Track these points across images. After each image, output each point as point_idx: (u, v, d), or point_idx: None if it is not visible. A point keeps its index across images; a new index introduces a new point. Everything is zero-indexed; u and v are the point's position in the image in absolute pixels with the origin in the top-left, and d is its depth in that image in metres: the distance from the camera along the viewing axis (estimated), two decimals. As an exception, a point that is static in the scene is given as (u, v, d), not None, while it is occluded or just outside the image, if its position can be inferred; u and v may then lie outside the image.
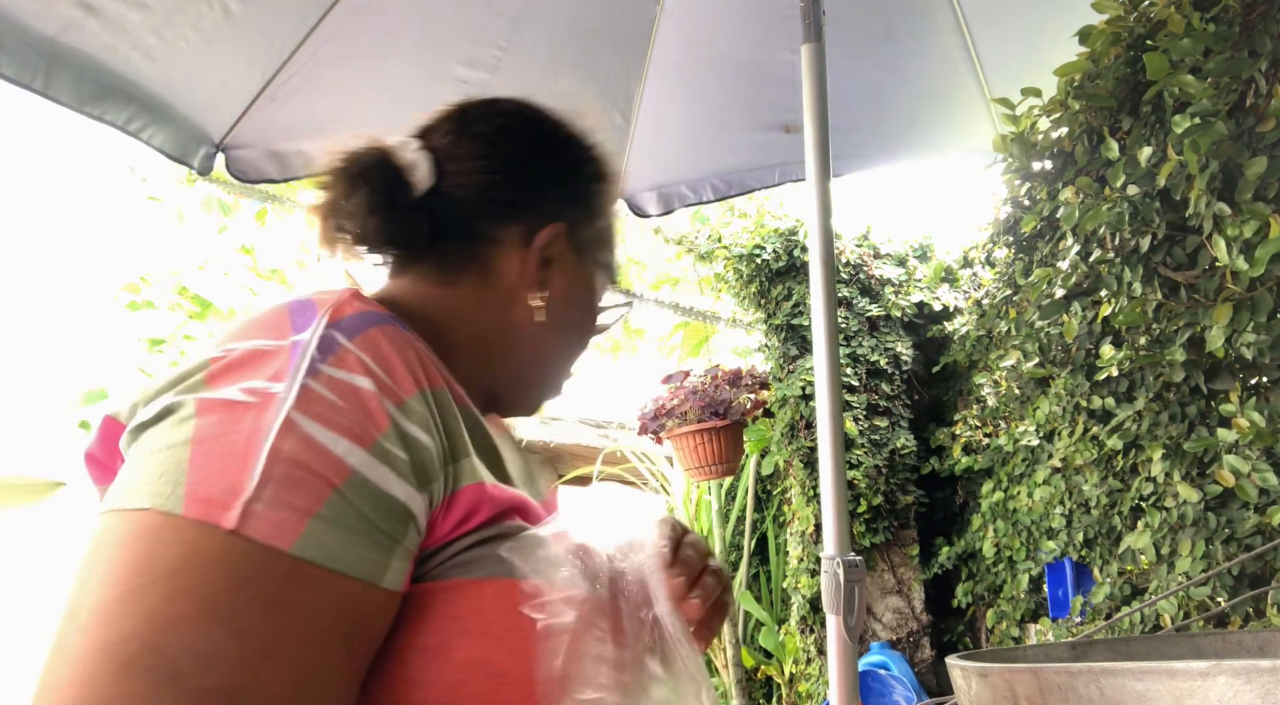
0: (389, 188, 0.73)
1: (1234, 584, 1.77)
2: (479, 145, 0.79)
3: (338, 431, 0.53)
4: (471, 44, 2.16)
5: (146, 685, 0.45)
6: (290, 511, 0.50)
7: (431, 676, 0.56)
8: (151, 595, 0.47)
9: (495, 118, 0.84)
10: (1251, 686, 0.51)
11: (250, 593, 0.48)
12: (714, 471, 3.61)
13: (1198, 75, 1.59)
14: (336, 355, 0.56)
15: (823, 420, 1.68)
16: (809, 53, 1.78)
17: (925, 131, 2.54)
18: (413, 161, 0.74)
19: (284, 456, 0.51)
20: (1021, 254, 2.22)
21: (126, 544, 0.49)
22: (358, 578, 0.52)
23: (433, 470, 0.58)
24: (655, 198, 2.62)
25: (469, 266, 0.76)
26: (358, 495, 0.52)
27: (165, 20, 1.73)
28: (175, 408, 0.53)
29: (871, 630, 3.60)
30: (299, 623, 0.50)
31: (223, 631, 0.47)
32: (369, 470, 0.53)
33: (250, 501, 0.49)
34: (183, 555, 0.48)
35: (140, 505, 0.49)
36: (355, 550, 0.52)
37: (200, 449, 0.51)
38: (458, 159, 0.77)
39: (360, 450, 0.53)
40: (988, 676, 0.68)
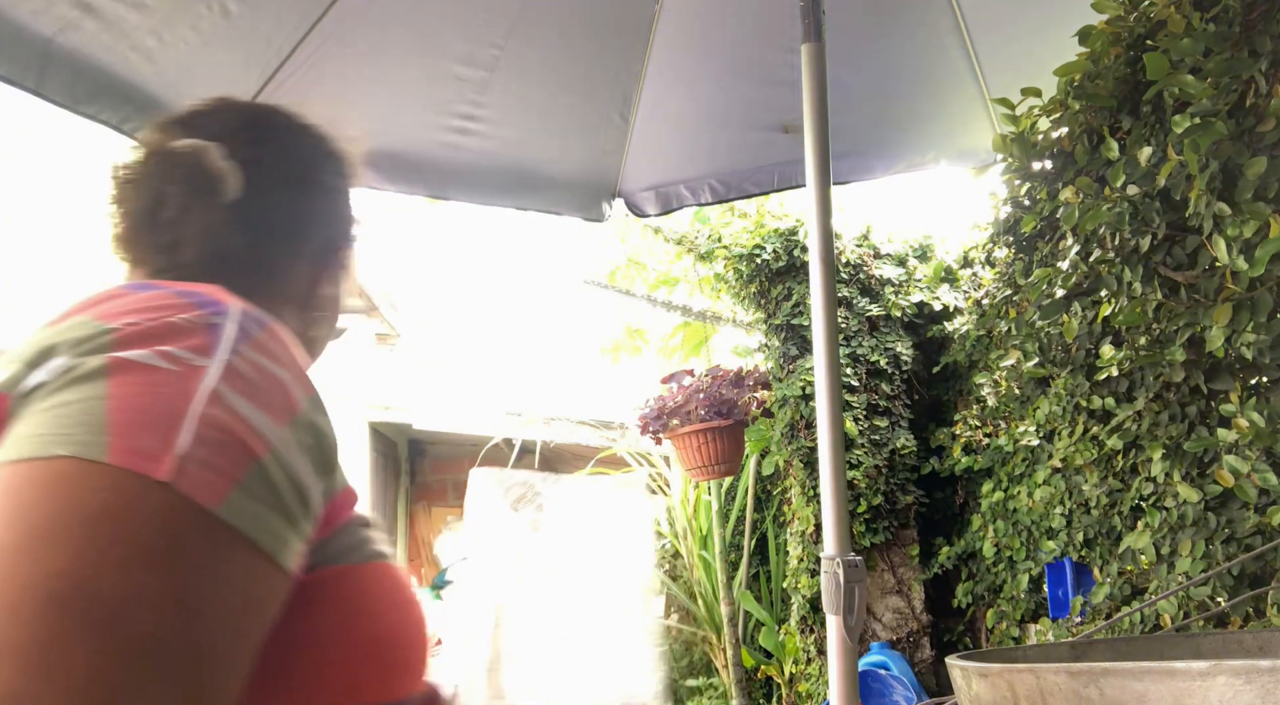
0: (211, 189, 0.74)
1: (1234, 584, 1.77)
2: (276, 166, 0.80)
3: (260, 407, 0.55)
4: (469, 43, 2.16)
5: (76, 625, 0.44)
6: (218, 474, 0.51)
7: (336, 656, 0.60)
8: (78, 536, 0.46)
9: (285, 135, 0.85)
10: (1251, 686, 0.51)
11: (182, 546, 0.48)
12: (716, 471, 3.61)
13: (1198, 75, 1.59)
14: (254, 341, 0.58)
15: (823, 420, 1.68)
16: (809, 52, 1.78)
17: (925, 132, 2.54)
18: (223, 171, 0.74)
19: (212, 421, 0.52)
20: (1021, 254, 2.22)
21: (44, 489, 0.48)
22: (266, 551, 0.53)
23: (331, 462, 0.61)
24: (653, 197, 2.62)
25: (261, 279, 0.78)
26: (274, 470, 0.54)
27: (164, 21, 1.73)
28: (79, 367, 0.53)
29: (871, 630, 3.60)
30: (223, 585, 0.50)
31: (155, 580, 0.47)
32: (284, 449, 0.55)
33: (182, 458, 0.50)
34: (111, 501, 0.48)
35: (55, 454, 0.49)
36: (267, 523, 0.53)
37: (120, 403, 0.51)
38: (257, 171, 0.77)
39: (278, 429, 0.55)
40: (988, 676, 0.68)
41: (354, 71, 2.15)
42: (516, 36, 2.15)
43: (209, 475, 0.50)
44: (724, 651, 4.70)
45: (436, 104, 2.27)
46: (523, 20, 2.13)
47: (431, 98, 2.26)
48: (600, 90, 2.38)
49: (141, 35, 1.71)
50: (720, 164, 2.59)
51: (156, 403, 0.51)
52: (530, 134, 2.45)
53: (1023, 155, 2.03)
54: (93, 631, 0.44)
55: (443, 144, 2.34)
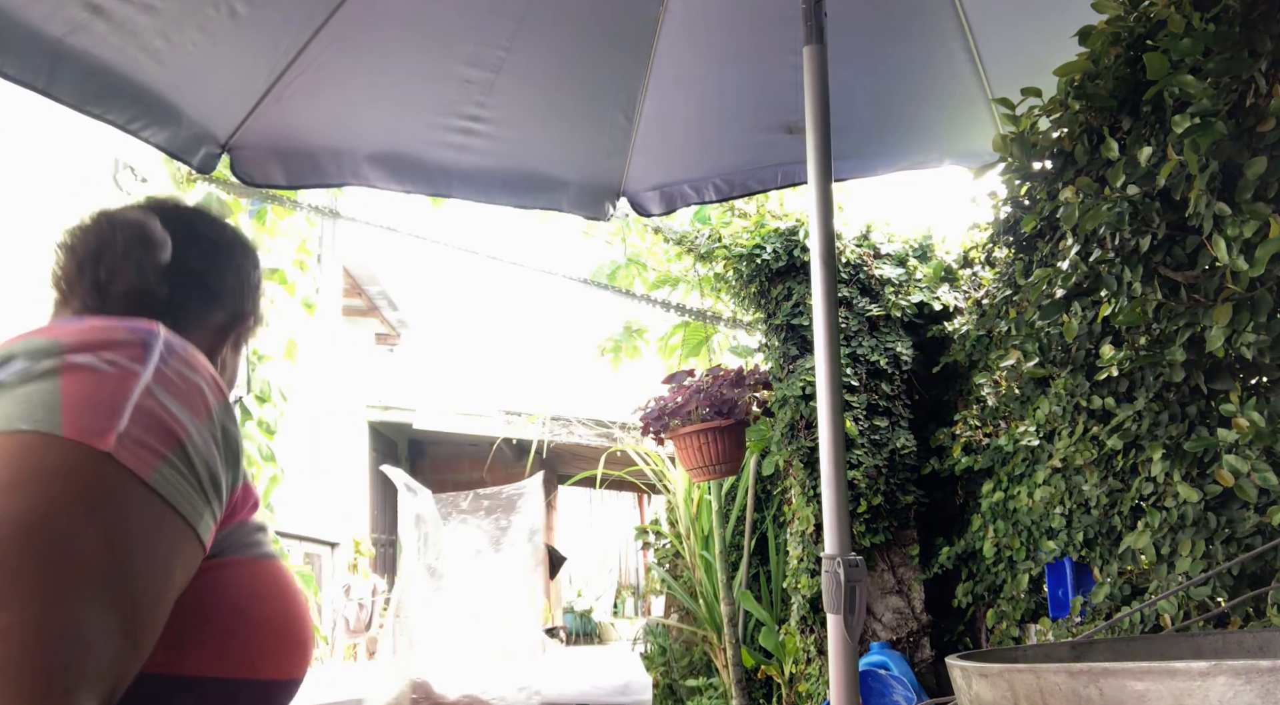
0: (148, 246, 0.90)
1: (1234, 584, 1.77)
2: (203, 244, 0.99)
3: (182, 404, 0.70)
4: (475, 44, 2.16)
5: (37, 554, 0.57)
6: (148, 450, 0.65)
7: (238, 630, 0.75)
8: (40, 488, 0.59)
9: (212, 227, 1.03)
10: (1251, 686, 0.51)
11: (121, 503, 0.62)
12: (716, 471, 3.61)
13: (1198, 75, 1.59)
14: (178, 355, 0.73)
15: (823, 420, 1.68)
16: (811, 54, 1.78)
17: (927, 134, 2.54)
18: (162, 238, 0.91)
19: (145, 410, 0.66)
20: (1021, 254, 2.22)
21: (11, 454, 0.61)
22: (185, 517, 0.67)
23: (238, 458, 0.75)
24: (658, 197, 2.63)
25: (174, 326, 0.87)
26: (194, 452, 0.69)
27: (173, 23, 1.74)
28: (36, 367, 0.66)
29: (871, 630, 3.60)
30: (150, 537, 0.64)
31: (98, 526, 0.60)
32: (201, 438, 0.70)
33: (121, 436, 0.63)
34: (65, 464, 0.61)
35: (20, 428, 0.62)
36: (187, 495, 0.67)
37: (72, 394, 0.64)
38: (188, 244, 0.95)
39: (196, 422, 0.70)
40: (988, 676, 0.69)
41: (360, 73, 2.15)
42: (522, 38, 2.15)
43: (142, 451, 0.64)
44: (724, 651, 4.70)
45: (442, 105, 2.27)
46: (528, 22, 2.14)
47: (437, 99, 2.27)
48: (605, 91, 2.38)
49: (150, 37, 1.72)
50: (724, 163, 2.60)
51: (100, 394, 0.65)
52: (535, 134, 2.45)
53: (1023, 155, 2.04)
54: (52, 557, 0.57)
55: (448, 145, 2.35)
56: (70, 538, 0.58)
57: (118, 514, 0.61)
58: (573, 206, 2.54)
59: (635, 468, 5.54)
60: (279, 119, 2.11)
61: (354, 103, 2.24)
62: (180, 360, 0.72)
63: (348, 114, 2.27)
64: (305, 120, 2.18)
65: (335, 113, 2.24)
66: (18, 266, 3.82)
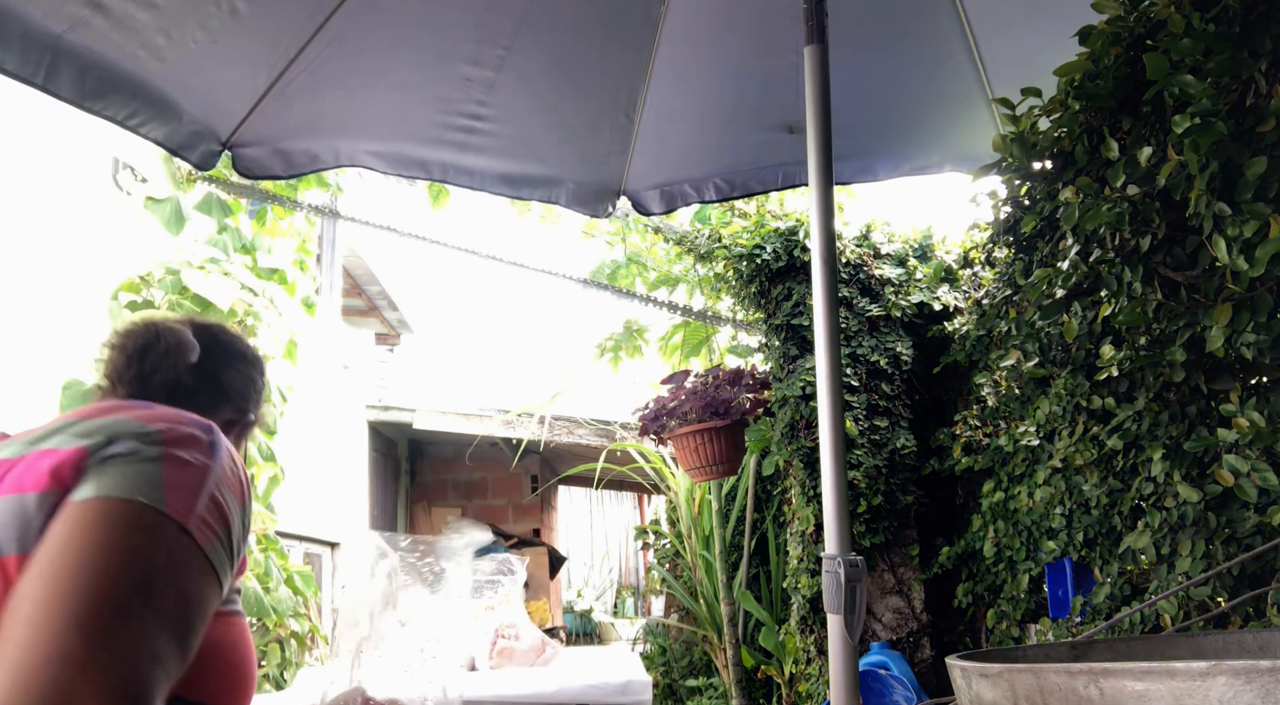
0: (183, 350, 1.16)
1: (1234, 584, 1.77)
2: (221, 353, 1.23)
3: (232, 494, 0.92)
4: (477, 43, 2.16)
5: (143, 595, 0.77)
6: (210, 530, 0.86)
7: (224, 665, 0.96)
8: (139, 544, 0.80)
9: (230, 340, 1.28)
10: (1251, 686, 0.51)
11: (187, 565, 0.83)
12: (715, 471, 3.61)
13: (1198, 75, 1.59)
14: (228, 452, 0.94)
15: (824, 420, 1.68)
16: (811, 54, 1.78)
17: (929, 136, 2.54)
18: (193, 343, 1.17)
19: (212, 499, 0.88)
20: (1021, 254, 2.22)
21: (124, 516, 0.80)
22: (220, 580, 0.88)
23: (247, 533, 0.95)
24: (658, 196, 2.63)
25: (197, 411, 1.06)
26: (234, 531, 0.90)
27: (174, 20, 1.74)
28: (144, 450, 0.86)
29: (871, 630, 3.60)
30: (200, 592, 0.84)
31: (177, 581, 0.81)
32: (238, 520, 0.92)
33: (197, 517, 0.85)
34: (166, 532, 0.82)
35: (135, 498, 0.82)
36: (223, 563, 0.88)
37: (171, 478, 0.85)
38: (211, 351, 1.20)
39: (239, 508, 0.92)
40: (988, 676, 0.68)
41: (360, 72, 2.15)
42: (523, 37, 2.15)
43: (206, 530, 0.85)
44: (724, 651, 4.70)
45: (443, 104, 2.28)
46: (529, 21, 2.14)
47: (438, 98, 2.27)
48: (606, 90, 2.38)
49: (151, 33, 1.72)
50: (725, 163, 2.60)
51: (189, 482, 0.86)
52: (536, 133, 2.45)
53: (1023, 155, 2.03)
54: (150, 598, 0.78)
55: (449, 142, 2.35)
56: (160, 586, 0.79)
57: (184, 572, 0.82)
58: (573, 204, 2.55)
59: (635, 465, 5.54)
60: (280, 117, 2.11)
61: (355, 101, 2.24)
62: (229, 456, 0.94)
63: (349, 112, 2.27)
64: (306, 118, 2.19)
65: (336, 111, 2.24)
66: (17, 266, 3.82)
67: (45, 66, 1.59)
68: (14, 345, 3.30)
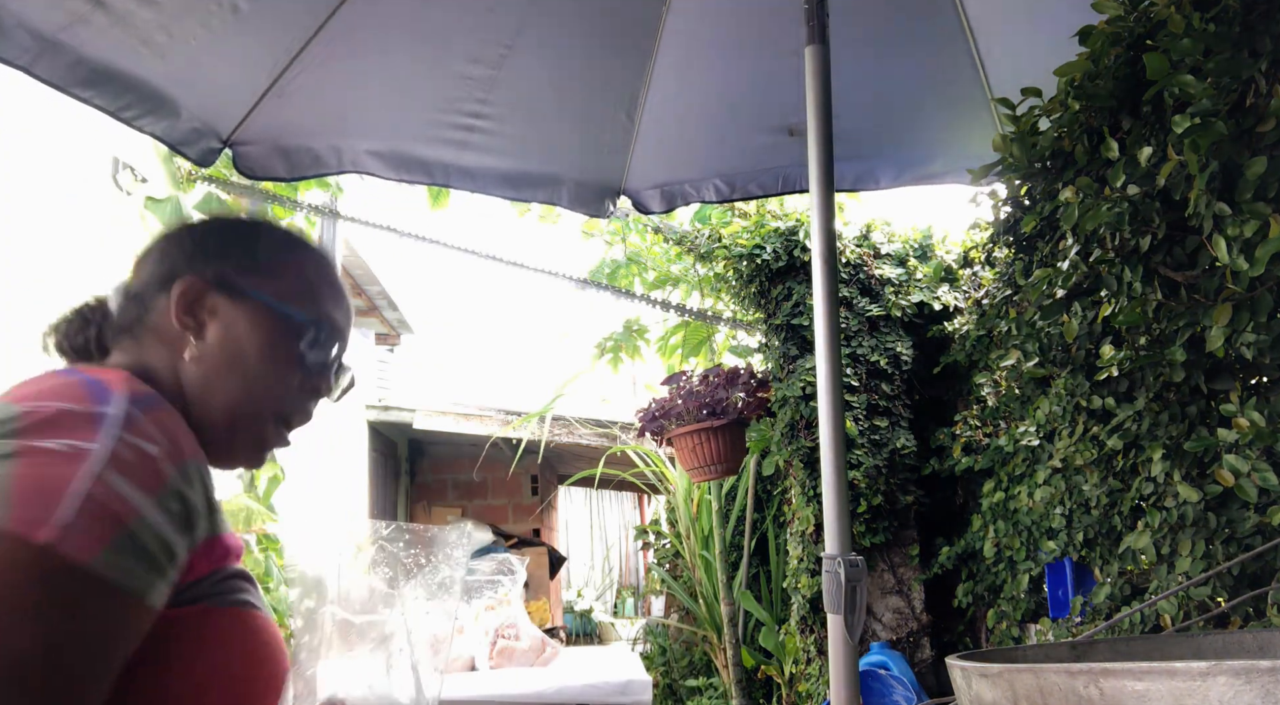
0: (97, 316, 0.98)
1: (1234, 584, 1.77)
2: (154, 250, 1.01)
3: (133, 483, 0.71)
4: (477, 42, 2.16)
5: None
6: (91, 536, 0.67)
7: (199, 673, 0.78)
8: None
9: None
10: (1251, 686, 0.51)
11: (51, 593, 0.65)
12: (714, 471, 3.61)
13: (1198, 75, 1.59)
14: (135, 427, 0.74)
15: (824, 420, 1.68)
16: (813, 55, 1.78)
17: (931, 142, 2.53)
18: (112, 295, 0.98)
19: (92, 498, 0.68)
20: (1021, 254, 2.22)
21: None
22: (134, 592, 0.70)
23: (195, 521, 0.77)
24: (658, 195, 2.62)
25: (146, 333, 0.94)
26: (143, 529, 0.71)
27: (174, 17, 1.74)
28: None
29: (871, 630, 3.60)
30: (87, 620, 0.66)
31: (25, 622, 0.63)
32: (150, 514, 0.72)
33: (63, 525, 0.66)
34: (3, 558, 0.64)
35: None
36: (132, 571, 0.69)
37: (22, 479, 0.67)
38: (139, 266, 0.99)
39: (147, 498, 0.72)
40: (988, 676, 0.68)
41: (361, 70, 2.15)
42: (524, 35, 2.15)
43: (84, 538, 0.67)
44: (724, 651, 4.70)
45: (444, 102, 2.27)
46: (530, 19, 2.13)
47: (439, 96, 2.27)
48: (607, 89, 2.38)
49: (151, 30, 1.72)
50: (725, 164, 2.59)
51: (49, 483, 0.67)
52: (537, 131, 2.45)
53: (1023, 155, 2.03)
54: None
55: (449, 141, 2.35)
56: (4, 636, 0.62)
57: (49, 606, 0.64)
58: (573, 203, 2.54)
59: (637, 470, 5.54)
60: (281, 115, 2.11)
61: (356, 99, 2.24)
62: (136, 430, 0.74)
63: (350, 110, 2.27)
64: (307, 116, 2.19)
65: (337, 109, 2.24)
66: (17, 267, 3.82)
67: (45, 61, 1.60)
68: (13, 345, 3.30)
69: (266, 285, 0.94)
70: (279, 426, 0.95)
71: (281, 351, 0.93)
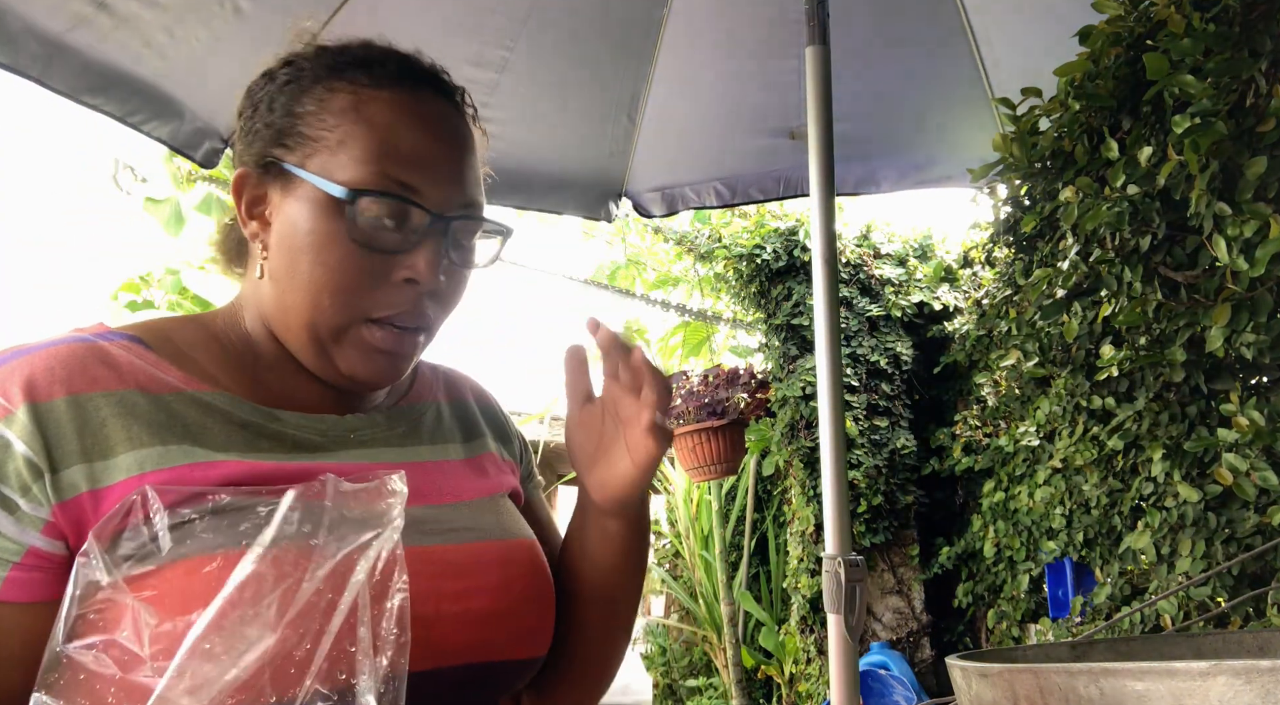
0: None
1: (1234, 584, 1.77)
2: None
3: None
4: (479, 44, 2.16)
5: None
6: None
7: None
8: None
9: None
10: (1251, 686, 0.51)
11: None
12: (714, 471, 3.61)
13: (1198, 75, 1.59)
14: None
15: (824, 420, 1.69)
16: (813, 55, 1.78)
17: (933, 145, 2.53)
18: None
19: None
20: (1021, 254, 2.22)
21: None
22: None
23: (26, 485, 0.62)
24: (659, 199, 2.63)
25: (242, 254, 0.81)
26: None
27: (177, 19, 1.74)
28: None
29: (871, 630, 3.60)
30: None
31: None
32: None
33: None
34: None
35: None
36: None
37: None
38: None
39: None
40: (988, 676, 0.68)
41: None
42: (526, 38, 2.15)
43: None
44: (724, 651, 4.70)
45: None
46: (532, 22, 2.13)
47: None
48: (609, 91, 2.38)
49: (154, 32, 1.72)
50: (726, 168, 2.59)
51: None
52: (538, 134, 2.45)
53: (1023, 155, 2.04)
54: None
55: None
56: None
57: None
58: (575, 208, 2.54)
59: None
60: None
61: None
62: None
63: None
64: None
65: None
66: (17, 267, 3.82)
67: (44, 62, 1.60)
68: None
69: (305, 149, 0.73)
70: (378, 328, 0.73)
71: (326, 237, 0.71)
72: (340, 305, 0.72)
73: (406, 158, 0.73)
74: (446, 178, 0.74)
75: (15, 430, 0.62)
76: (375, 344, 0.73)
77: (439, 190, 0.73)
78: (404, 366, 0.76)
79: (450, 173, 0.75)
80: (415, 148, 0.74)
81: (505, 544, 0.77)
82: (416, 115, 0.76)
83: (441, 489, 0.78)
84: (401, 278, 0.73)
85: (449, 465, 0.81)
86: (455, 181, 0.75)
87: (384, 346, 0.74)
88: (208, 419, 0.69)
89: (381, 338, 0.73)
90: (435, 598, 0.69)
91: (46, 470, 0.62)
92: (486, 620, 0.72)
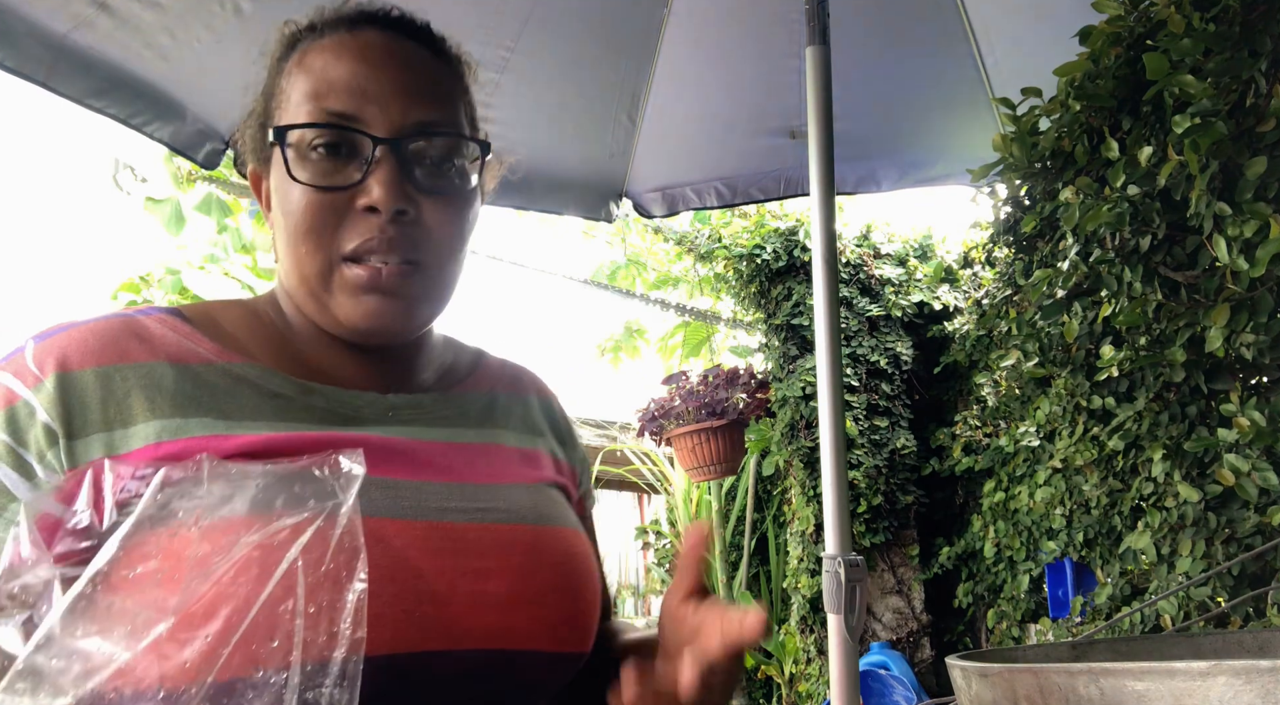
0: None
1: (1234, 584, 1.77)
2: None
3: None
4: (479, 44, 2.16)
5: None
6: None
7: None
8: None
9: None
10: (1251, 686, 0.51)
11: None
12: (714, 471, 3.61)
13: (1198, 75, 1.59)
14: (10, 359, 0.66)
15: (824, 420, 1.69)
16: (813, 55, 1.78)
17: (933, 144, 2.53)
18: None
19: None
20: (1021, 254, 2.22)
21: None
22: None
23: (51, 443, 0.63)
24: (660, 199, 2.63)
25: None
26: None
27: (178, 19, 1.74)
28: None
29: (871, 630, 3.60)
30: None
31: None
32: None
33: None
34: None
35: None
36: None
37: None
38: None
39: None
40: (988, 676, 0.68)
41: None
42: (526, 38, 2.15)
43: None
44: (724, 651, 4.70)
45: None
46: (533, 23, 2.13)
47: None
48: (609, 92, 2.38)
49: (155, 33, 1.72)
50: (727, 168, 2.60)
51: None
52: (538, 135, 2.45)
53: (1023, 155, 2.03)
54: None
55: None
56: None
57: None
58: (575, 208, 2.54)
59: (633, 467, 5.55)
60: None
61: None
62: (8, 365, 0.65)
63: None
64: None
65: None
66: (17, 267, 3.82)
67: (48, 65, 1.60)
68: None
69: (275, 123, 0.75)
70: (357, 265, 0.71)
71: (282, 185, 0.72)
72: (313, 247, 0.71)
73: (343, 89, 0.72)
74: (392, 100, 0.72)
75: (41, 399, 0.64)
76: (358, 283, 0.72)
77: (384, 114, 0.72)
78: (402, 307, 0.73)
79: (395, 95, 0.72)
80: (352, 78, 0.72)
81: (537, 529, 0.73)
82: (352, 48, 0.74)
83: (477, 469, 0.76)
84: (361, 206, 0.71)
85: (495, 449, 0.79)
86: (402, 103, 0.72)
87: (367, 284, 0.72)
88: (238, 388, 0.70)
89: (360, 274, 0.72)
90: (451, 574, 0.67)
91: (63, 437, 0.63)
92: (505, 604, 0.68)
